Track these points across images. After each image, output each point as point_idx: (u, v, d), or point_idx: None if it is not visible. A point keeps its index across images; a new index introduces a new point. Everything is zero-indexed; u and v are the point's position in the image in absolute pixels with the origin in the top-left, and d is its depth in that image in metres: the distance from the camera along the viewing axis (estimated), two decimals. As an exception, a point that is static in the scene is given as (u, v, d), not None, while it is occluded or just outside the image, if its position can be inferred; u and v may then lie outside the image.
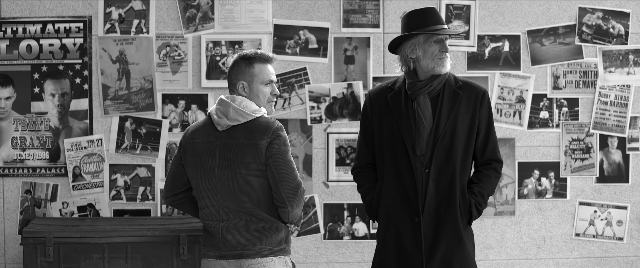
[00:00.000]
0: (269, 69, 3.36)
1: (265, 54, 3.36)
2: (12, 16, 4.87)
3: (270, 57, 3.37)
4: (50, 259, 4.36)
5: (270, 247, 3.28)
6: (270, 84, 3.36)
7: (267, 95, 3.35)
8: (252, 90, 3.33)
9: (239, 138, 3.26)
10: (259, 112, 3.29)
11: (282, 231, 3.33)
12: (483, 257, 5.05)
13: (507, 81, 5.06)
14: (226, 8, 4.95)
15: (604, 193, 5.13)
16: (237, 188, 3.26)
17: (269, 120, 3.29)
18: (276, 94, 3.38)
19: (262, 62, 3.34)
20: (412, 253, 3.62)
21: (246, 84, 3.32)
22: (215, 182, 3.29)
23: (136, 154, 4.96)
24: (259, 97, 3.33)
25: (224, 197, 3.28)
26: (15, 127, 4.91)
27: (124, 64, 4.92)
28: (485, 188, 3.68)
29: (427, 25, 3.60)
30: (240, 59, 3.35)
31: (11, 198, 4.92)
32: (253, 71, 3.32)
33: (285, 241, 3.34)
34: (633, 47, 5.08)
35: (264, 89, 3.34)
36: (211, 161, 3.29)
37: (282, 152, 3.26)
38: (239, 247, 3.27)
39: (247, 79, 3.32)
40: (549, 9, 5.06)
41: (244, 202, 3.26)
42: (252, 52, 3.35)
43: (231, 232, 3.28)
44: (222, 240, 3.29)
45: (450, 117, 3.62)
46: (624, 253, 5.14)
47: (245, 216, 3.27)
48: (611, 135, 5.10)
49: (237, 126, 3.28)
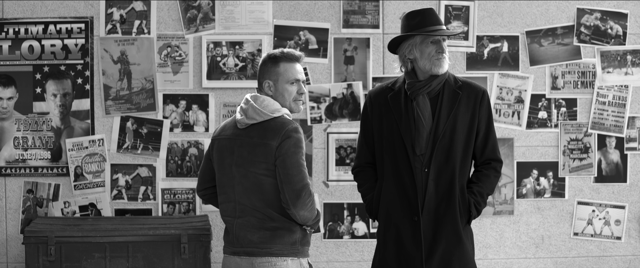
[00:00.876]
0: (296, 67, 3.33)
1: (292, 52, 3.33)
2: (14, 17, 4.87)
3: (297, 56, 3.34)
4: (52, 258, 4.36)
5: (281, 247, 3.25)
6: (297, 82, 3.32)
7: (292, 94, 3.32)
8: (278, 89, 3.31)
9: (254, 137, 3.26)
10: (278, 112, 3.27)
11: (297, 233, 3.29)
12: (482, 256, 5.05)
13: (506, 81, 5.06)
14: (227, 9, 4.95)
15: (602, 192, 5.13)
16: (249, 187, 3.26)
17: (286, 121, 3.26)
18: (303, 92, 3.35)
19: (288, 61, 3.31)
20: (412, 252, 3.61)
21: (272, 83, 3.31)
22: (232, 178, 3.30)
23: (137, 154, 4.96)
24: (284, 96, 3.31)
25: (239, 194, 3.28)
26: (18, 127, 4.91)
27: (125, 65, 4.92)
28: (485, 188, 3.67)
29: (424, 26, 3.61)
30: (267, 58, 3.34)
31: (13, 197, 4.91)
32: (278, 70, 3.30)
33: (300, 243, 3.29)
34: (631, 48, 5.08)
35: (290, 88, 3.31)
36: (229, 158, 3.31)
37: (290, 153, 3.22)
38: (251, 244, 3.26)
39: (272, 78, 3.31)
40: (548, 10, 5.06)
41: (255, 201, 3.26)
42: (279, 51, 3.34)
43: (244, 229, 3.28)
44: (236, 237, 3.30)
45: (450, 117, 3.62)
46: (622, 253, 5.14)
47: (259, 214, 3.26)
48: (609, 135, 5.10)
49: (255, 125, 3.28)
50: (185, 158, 4.96)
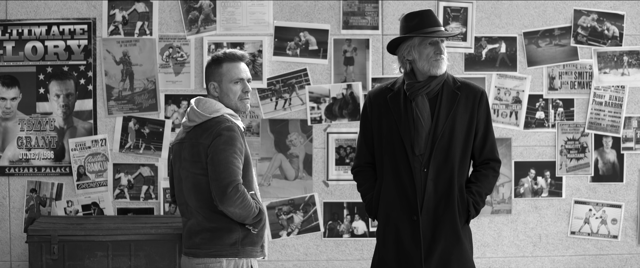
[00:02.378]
0: (239, 67, 3.32)
1: (234, 52, 3.33)
2: (18, 18, 4.87)
3: (239, 55, 3.34)
4: (55, 257, 4.36)
5: (220, 248, 3.23)
6: (240, 82, 3.32)
7: (237, 93, 3.31)
8: (222, 89, 3.31)
9: (193, 138, 3.26)
10: (217, 113, 3.26)
11: (237, 232, 3.24)
12: (480, 255, 5.05)
13: (504, 82, 5.05)
14: (228, 10, 4.95)
15: (599, 192, 5.12)
16: (190, 187, 3.26)
17: (221, 120, 3.24)
18: (247, 90, 3.33)
19: (230, 61, 3.31)
20: (411, 251, 3.61)
21: (216, 84, 3.32)
22: (180, 180, 3.32)
23: (139, 154, 4.96)
24: (229, 96, 3.31)
25: (186, 195, 3.30)
26: (21, 127, 4.91)
27: (127, 65, 4.92)
28: (483, 188, 3.67)
29: (423, 28, 3.60)
30: (211, 60, 3.35)
31: (17, 197, 4.91)
32: (221, 71, 3.31)
33: (241, 243, 3.25)
34: (627, 49, 5.07)
35: (234, 87, 3.31)
36: (178, 161, 3.32)
37: (219, 150, 3.17)
38: (194, 245, 3.26)
39: (216, 79, 3.32)
40: (545, 11, 5.05)
41: (196, 201, 3.25)
42: (222, 52, 3.34)
43: (190, 231, 3.29)
44: (186, 237, 3.31)
45: (449, 117, 3.61)
46: (618, 251, 5.14)
47: (199, 216, 3.26)
48: (606, 135, 5.10)
49: (196, 127, 3.28)
50: (187, 158, 4.95)
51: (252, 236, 3.28)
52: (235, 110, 3.33)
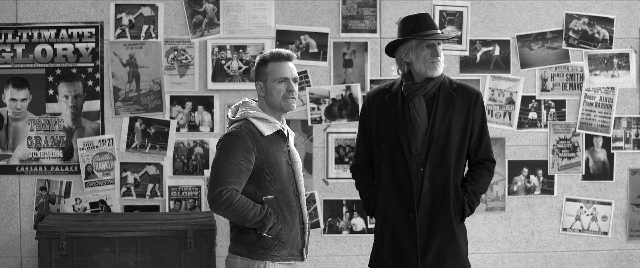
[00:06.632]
0: (284, 66, 3.21)
1: (280, 52, 3.23)
2: (28, 22, 4.85)
3: (285, 55, 3.23)
4: (64, 252, 4.34)
5: (238, 244, 3.18)
6: (285, 81, 3.20)
7: (281, 92, 3.20)
8: (267, 88, 3.21)
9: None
10: (243, 117, 3.18)
11: (249, 234, 3.16)
12: (475, 251, 5.03)
13: (498, 83, 5.03)
14: (231, 14, 4.92)
15: (590, 190, 5.10)
16: None
17: (235, 126, 3.17)
18: (291, 90, 3.20)
19: (275, 61, 3.21)
20: (408, 248, 3.59)
21: (262, 84, 3.23)
22: None
23: (145, 153, 4.94)
24: (273, 95, 3.20)
25: None
26: (31, 127, 4.89)
27: (134, 67, 4.90)
28: (478, 187, 3.64)
29: (420, 30, 3.58)
30: (258, 60, 3.26)
31: (27, 194, 4.89)
32: (266, 70, 3.21)
33: (255, 244, 3.15)
34: (617, 51, 5.05)
35: (278, 87, 3.19)
36: None
37: (215, 156, 3.12)
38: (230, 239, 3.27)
39: (262, 79, 3.23)
40: (538, 15, 5.03)
41: None
42: (268, 52, 3.25)
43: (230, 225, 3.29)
44: None
45: (445, 118, 3.59)
46: (608, 247, 5.12)
47: None
48: (596, 135, 5.08)
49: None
50: (191, 157, 4.94)
51: (267, 240, 3.15)
52: (280, 109, 3.22)
